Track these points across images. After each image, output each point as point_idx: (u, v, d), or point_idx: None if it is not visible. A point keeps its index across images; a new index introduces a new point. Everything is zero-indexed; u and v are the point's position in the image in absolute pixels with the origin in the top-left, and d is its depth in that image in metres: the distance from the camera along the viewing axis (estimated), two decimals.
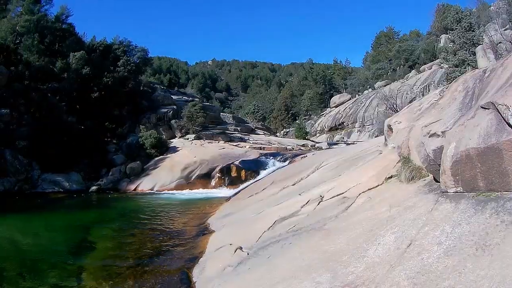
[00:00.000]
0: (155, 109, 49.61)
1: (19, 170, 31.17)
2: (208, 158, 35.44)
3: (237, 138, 46.94)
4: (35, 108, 37.41)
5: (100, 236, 17.44)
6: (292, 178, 19.15)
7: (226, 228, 15.14)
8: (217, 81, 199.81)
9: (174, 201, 26.88)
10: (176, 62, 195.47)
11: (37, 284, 10.81)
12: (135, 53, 59.44)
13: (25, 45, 46.10)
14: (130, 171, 35.41)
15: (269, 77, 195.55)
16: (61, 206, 26.37)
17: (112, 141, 41.43)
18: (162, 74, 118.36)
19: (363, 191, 10.58)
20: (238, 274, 8.98)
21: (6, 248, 15.09)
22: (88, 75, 44.60)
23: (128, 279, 10.94)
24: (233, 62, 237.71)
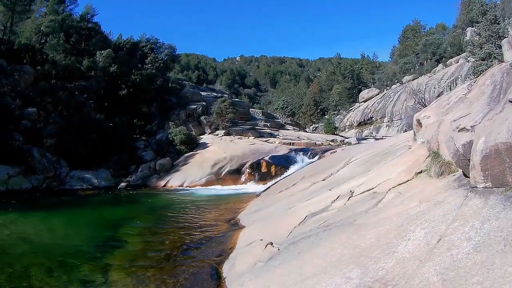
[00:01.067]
0: (184, 105, 49.93)
1: (47, 168, 31.52)
2: (238, 153, 35.47)
3: (266, 133, 46.94)
4: (62, 107, 37.88)
5: (128, 232, 17.49)
6: (322, 173, 19.02)
7: (257, 223, 15.06)
8: (246, 77, 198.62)
9: (204, 197, 26.96)
10: (204, 59, 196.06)
11: (64, 280, 10.85)
12: (163, 50, 60.01)
13: (50, 45, 46.70)
14: (160, 167, 35.53)
15: (298, 72, 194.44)
16: (90, 203, 26.67)
17: (141, 138, 41.64)
18: (190, 70, 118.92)
19: (393, 186, 10.49)
20: (269, 270, 8.91)
21: (34, 244, 15.13)
22: (116, 73, 45.03)
23: (157, 274, 10.90)
24: (261, 58, 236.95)
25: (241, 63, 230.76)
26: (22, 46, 43.58)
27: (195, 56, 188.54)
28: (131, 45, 58.09)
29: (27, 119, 34.35)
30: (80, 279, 10.86)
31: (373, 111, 76.73)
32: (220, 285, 9.79)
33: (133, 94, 44.75)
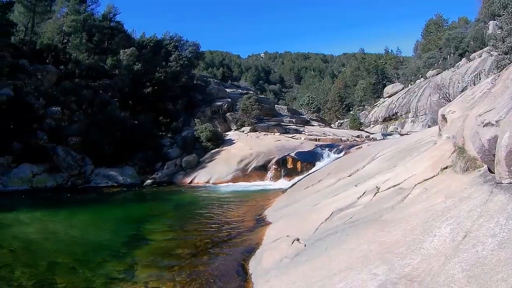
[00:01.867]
0: (210, 102, 50.12)
1: (71, 166, 31.75)
2: (264, 150, 35.44)
3: (292, 129, 46.94)
4: (86, 105, 38.28)
5: (154, 228, 17.54)
6: (348, 169, 18.92)
7: (283, 219, 14.99)
8: (271, 73, 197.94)
9: (231, 194, 26.99)
10: (229, 56, 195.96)
11: (88, 277, 10.84)
12: (187, 48, 60.13)
13: (73, 44, 46.98)
14: (186, 164, 35.63)
15: (322, 68, 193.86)
16: (115, 200, 26.91)
17: (167, 135, 41.79)
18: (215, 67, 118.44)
19: (418, 182, 10.40)
20: (295, 266, 8.85)
21: (58, 242, 15.24)
22: (140, 71, 45.27)
23: (183, 271, 10.89)
24: (285, 54, 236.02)
25: (266, 60, 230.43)
26: (45, 46, 43.94)
27: (219, 53, 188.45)
28: (154, 43, 58.44)
29: (51, 118, 34.60)
30: (105, 276, 10.89)
31: (398, 106, 76.35)
32: (246, 281, 9.76)
33: (158, 92, 45.09)
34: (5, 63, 36.87)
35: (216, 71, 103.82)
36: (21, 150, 29.99)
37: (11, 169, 28.76)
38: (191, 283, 10.00)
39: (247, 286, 9.41)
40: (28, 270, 11.36)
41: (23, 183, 28.24)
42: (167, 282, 10.17)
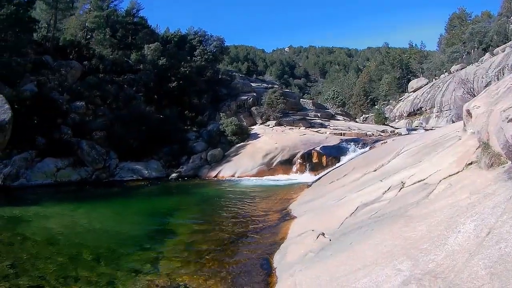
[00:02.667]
0: (235, 96, 50.29)
1: (96, 160, 32.12)
2: (289, 144, 35.39)
3: (317, 124, 46.73)
4: (111, 100, 38.75)
5: (179, 221, 17.65)
6: (373, 164, 18.79)
7: (308, 214, 14.89)
8: (295, 68, 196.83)
9: (256, 187, 27.18)
10: (253, 50, 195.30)
11: (113, 269, 10.89)
12: (211, 43, 60.25)
13: (96, 40, 47.70)
14: (211, 158, 35.82)
15: (347, 62, 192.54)
16: (140, 193, 27.28)
17: (192, 129, 42.11)
18: (239, 62, 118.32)
19: (443, 177, 10.29)
20: (320, 260, 8.74)
21: (83, 234, 15.34)
22: (165, 65, 45.55)
23: (207, 265, 10.90)
24: (310, 49, 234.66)
25: (290, 54, 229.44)
26: (68, 42, 44.57)
27: (244, 47, 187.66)
28: (179, 38, 59.19)
29: (76, 112, 35.01)
30: (129, 268, 10.93)
31: (422, 101, 75.78)
32: (271, 275, 9.74)
33: (183, 86, 45.31)
34: (28, 59, 37.35)
35: (241, 66, 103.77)
36: (45, 144, 30.25)
37: (35, 163, 28.94)
38: (215, 276, 10.01)
39: (272, 280, 9.38)
40: (51, 262, 11.43)
41: (47, 177, 28.44)
42: (191, 275, 10.17)
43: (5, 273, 10.49)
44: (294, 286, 8.05)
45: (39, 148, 29.95)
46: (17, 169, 27.22)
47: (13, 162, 27.39)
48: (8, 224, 16.94)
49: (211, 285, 9.40)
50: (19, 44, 36.03)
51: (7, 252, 12.48)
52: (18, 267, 11.05)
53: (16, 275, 10.41)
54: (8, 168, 26.60)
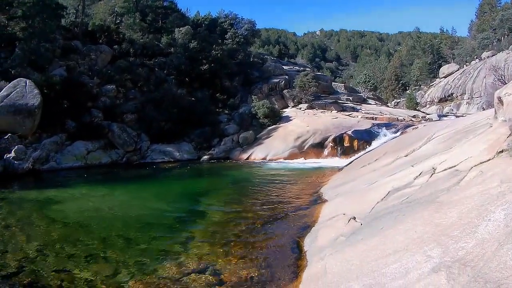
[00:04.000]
0: (267, 79, 50.23)
1: (127, 142, 32.81)
2: (321, 127, 35.33)
3: (349, 107, 46.58)
4: (142, 83, 39.24)
5: (210, 203, 17.63)
6: (405, 149, 18.67)
7: (339, 197, 14.79)
8: (327, 51, 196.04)
9: (287, 170, 27.21)
10: (284, 33, 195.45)
11: (142, 251, 10.95)
12: (242, 26, 59.94)
13: (126, 24, 47.88)
14: (243, 140, 36.11)
15: (378, 47, 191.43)
16: (171, 175, 27.42)
17: (224, 112, 42.35)
18: (271, 45, 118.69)
19: (474, 164, 10.13)
20: (351, 244, 8.59)
21: (113, 216, 15.49)
22: (196, 48, 45.58)
23: (238, 246, 10.89)
24: (341, 32, 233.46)
25: (321, 37, 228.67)
26: (97, 27, 45.02)
27: (275, 31, 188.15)
28: (209, 21, 59.28)
29: (106, 96, 35.59)
30: (159, 250, 10.98)
31: (453, 87, 75.15)
32: (301, 258, 9.61)
33: (215, 69, 45.36)
34: (57, 45, 37.80)
35: (272, 49, 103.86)
36: (75, 128, 30.86)
37: (65, 147, 29.41)
38: (246, 258, 10.04)
39: (302, 263, 9.28)
40: (80, 244, 11.52)
41: (77, 160, 28.96)
42: (221, 257, 10.17)
43: (33, 255, 10.58)
44: (324, 270, 7.99)
45: (69, 132, 30.48)
46: (47, 153, 27.53)
47: (43, 145, 27.69)
48: (36, 207, 17.10)
49: (241, 268, 9.39)
50: (47, 30, 36.41)
51: (36, 235, 12.62)
52: (46, 249, 11.14)
53: (44, 257, 10.48)
54: (37, 152, 26.83)
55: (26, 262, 10.10)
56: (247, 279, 8.82)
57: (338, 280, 7.22)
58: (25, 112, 27.44)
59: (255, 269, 9.27)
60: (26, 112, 27.47)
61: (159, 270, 9.49)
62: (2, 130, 26.84)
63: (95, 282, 8.96)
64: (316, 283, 7.74)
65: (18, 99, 27.39)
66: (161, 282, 8.82)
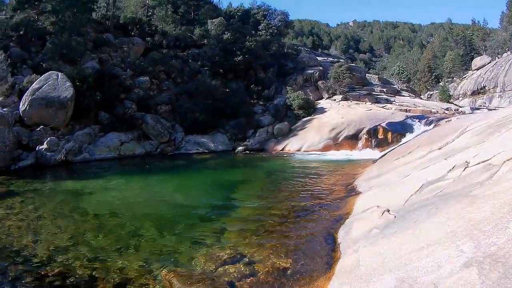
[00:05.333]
0: (301, 70, 49.78)
1: (161, 133, 33.10)
2: (355, 119, 35.01)
3: (383, 99, 46.16)
4: (176, 74, 39.58)
5: (244, 194, 17.64)
6: (438, 142, 18.55)
7: (373, 190, 14.76)
8: (360, 42, 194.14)
9: (321, 162, 27.02)
10: (317, 25, 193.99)
11: (175, 241, 11.05)
12: (275, 17, 60.31)
13: (158, 17, 48.62)
14: (278, 131, 35.87)
15: (410, 38, 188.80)
16: (206, 166, 27.49)
17: (259, 103, 42.16)
18: (304, 36, 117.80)
19: (507, 159, 10.05)
20: (384, 237, 8.59)
21: (146, 207, 15.62)
22: (229, 40, 45.64)
23: (271, 237, 11.03)
24: (374, 23, 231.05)
25: (354, 28, 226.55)
26: (128, 19, 45.54)
27: (308, 22, 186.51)
28: (242, 12, 59.74)
29: (139, 87, 35.97)
30: (191, 240, 11.06)
31: (485, 80, 73.87)
32: (335, 250, 9.65)
33: (249, 60, 45.28)
34: (88, 38, 38.41)
35: (306, 40, 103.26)
36: (108, 119, 31.31)
37: (98, 138, 29.74)
38: (279, 249, 10.06)
39: (336, 255, 9.28)
40: (112, 234, 11.71)
41: (110, 151, 29.32)
42: (255, 248, 10.21)
43: (65, 246, 10.77)
44: (358, 262, 7.99)
45: (102, 123, 30.97)
46: (80, 144, 27.88)
47: (76, 137, 28.08)
48: (69, 198, 17.36)
49: (274, 259, 9.42)
50: (78, 24, 37.10)
51: (68, 225, 12.80)
52: (78, 239, 11.33)
53: (76, 248, 10.65)
54: (70, 143, 27.18)
55: (57, 252, 10.28)
56: (281, 270, 8.84)
57: (371, 272, 7.20)
58: (58, 105, 27.84)
59: (288, 260, 9.29)
60: (59, 105, 27.87)
61: (191, 261, 9.57)
62: (34, 122, 27.37)
63: (127, 272, 9.09)
64: (349, 276, 7.72)
65: (50, 92, 27.80)
66: (193, 273, 8.89)
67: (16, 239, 11.42)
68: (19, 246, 10.79)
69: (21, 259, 9.88)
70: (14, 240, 11.33)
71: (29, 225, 12.80)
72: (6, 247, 10.72)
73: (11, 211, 14.44)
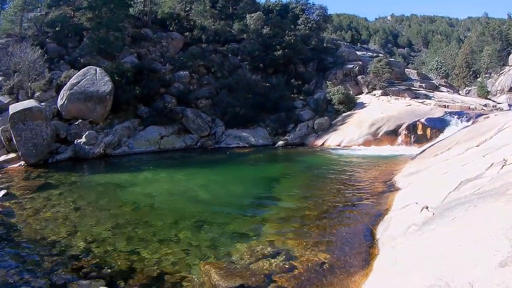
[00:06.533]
0: (341, 65, 49.21)
1: (201, 127, 32.99)
2: (394, 114, 34.44)
3: (422, 95, 45.19)
4: (216, 69, 39.26)
5: (284, 189, 17.89)
6: (476, 139, 18.43)
7: (412, 186, 14.89)
8: (398, 37, 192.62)
9: (361, 157, 26.93)
10: (356, 19, 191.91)
11: (214, 234, 11.18)
12: (314, 11, 59.12)
13: (196, 11, 48.31)
14: (318, 126, 35.48)
15: (448, 32, 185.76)
16: (246, 160, 27.62)
17: (299, 97, 41.62)
18: (343, 31, 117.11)
19: None
20: (422, 234, 8.61)
21: (185, 199, 15.73)
22: (269, 34, 45.39)
23: (310, 232, 11.14)
24: (412, 17, 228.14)
25: (392, 22, 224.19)
26: (166, 15, 45.60)
27: (347, 16, 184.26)
28: (280, 7, 58.90)
29: (179, 82, 35.90)
30: (230, 233, 11.26)
31: None
32: (373, 246, 9.78)
33: (288, 55, 44.72)
34: (126, 33, 38.73)
35: (344, 34, 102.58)
36: (148, 113, 31.84)
37: (138, 132, 29.98)
38: (318, 244, 10.20)
39: (373, 251, 9.50)
40: (151, 226, 11.95)
41: (150, 145, 29.61)
42: (293, 242, 10.48)
43: (103, 237, 11.07)
44: (395, 259, 8.07)
45: (141, 117, 31.27)
46: (119, 138, 28.09)
47: (115, 131, 28.33)
48: (107, 190, 17.61)
49: (313, 253, 9.63)
50: (115, 20, 37.29)
51: (106, 217, 13.04)
52: (115, 231, 11.60)
53: (115, 238, 10.94)
54: (109, 137, 27.44)
55: (94, 243, 10.54)
56: (318, 265, 8.92)
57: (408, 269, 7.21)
58: (96, 99, 28.21)
59: (327, 255, 9.39)
60: (97, 99, 28.25)
61: (230, 254, 9.70)
62: (73, 116, 27.79)
63: (165, 263, 9.25)
64: (386, 272, 7.78)
65: (88, 87, 28.15)
66: (232, 266, 8.99)
67: (53, 230, 11.67)
68: (55, 237, 11.02)
69: (56, 250, 10.11)
70: (50, 231, 11.57)
71: (66, 217, 13.05)
72: (42, 238, 10.98)
73: (48, 203, 14.73)
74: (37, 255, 9.80)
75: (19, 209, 13.95)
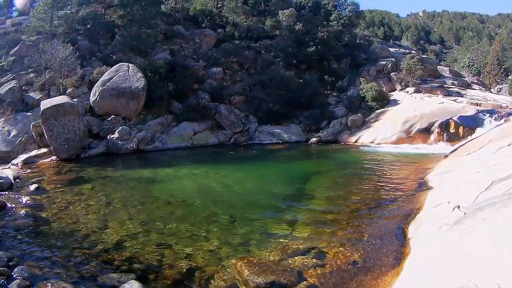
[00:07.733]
0: (374, 61, 48.62)
1: (234, 123, 33.00)
2: (427, 112, 33.80)
3: (454, 92, 44.55)
4: (249, 65, 39.28)
5: (316, 186, 17.72)
6: (508, 137, 18.16)
7: (445, 185, 14.59)
8: (430, 33, 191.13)
9: (394, 155, 26.62)
10: (388, 15, 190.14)
11: (245, 231, 11.17)
12: (346, 7, 58.77)
13: (228, 8, 48.40)
14: (351, 123, 35.03)
15: (479, 29, 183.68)
16: (278, 157, 27.62)
17: (332, 94, 41.37)
18: (375, 27, 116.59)
19: None
20: (454, 234, 8.53)
21: (218, 196, 15.78)
22: (301, 30, 45.30)
23: (342, 230, 11.12)
24: (443, 13, 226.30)
25: (424, 19, 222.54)
26: (198, 11, 45.86)
27: (379, 12, 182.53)
28: (313, 3, 58.54)
29: (213, 78, 36.06)
30: (262, 231, 11.36)
31: None
32: (404, 245, 9.73)
33: (322, 51, 44.56)
34: (158, 30, 38.97)
35: (377, 31, 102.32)
36: (181, 109, 32.04)
37: (171, 128, 30.11)
38: (349, 242, 10.20)
39: (405, 250, 9.43)
40: (183, 222, 11.99)
41: (183, 141, 29.67)
42: (325, 239, 10.52)
43: (134, 231, 11.16)
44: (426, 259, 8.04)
45: (175, 113, 31.63)
46: (152, 133, 28.26)
47: (148, 126, 28.57)
48: (140, 185, 17.75)
49: (344, 251, 9.63)
50: (147, 17, 37.65)
51: (138, 211, 13.15)
52: (147, 225, 11.68)
53: (145, 234, 10.99)
54: (142, 133, 27.62)
55: (126, 238, 10.61)
56: (350, 263, 8.90)
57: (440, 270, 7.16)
58: (129, 95, 28.43)
59: (358, 254, 9.38)
60: (130, 95, 28.46)
61: (262, 251, 9.71)
62: (105, 112, 28.05)
63: (196, 258, 9.30)
64: (416, 272, 7.73)
65: (121, 83, 28.37)
66: (263, 262, 8.95)
67: (84, 224, 11.80)
68: (86, 231, 11.16)
69: (87, 243, 10.19)
70: (81, 225, 11.70)
71: (97, 211, 13.20)
72: (73, 231, 11.08)
73: (80, 197, 14.87)
74: (68, 248, 9.86)
75: (50, 203, 14.03)
